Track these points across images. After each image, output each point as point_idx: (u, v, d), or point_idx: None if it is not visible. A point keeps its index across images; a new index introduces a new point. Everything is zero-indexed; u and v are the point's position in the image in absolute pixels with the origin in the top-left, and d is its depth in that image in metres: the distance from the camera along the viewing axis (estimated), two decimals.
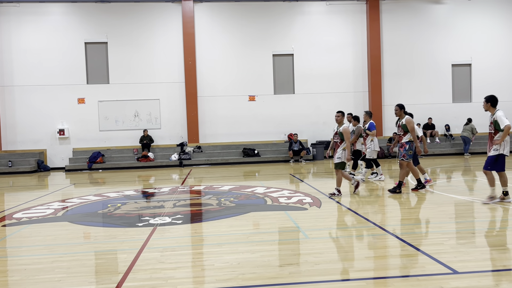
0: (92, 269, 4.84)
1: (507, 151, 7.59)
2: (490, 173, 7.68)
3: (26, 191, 12.45)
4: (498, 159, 7.57)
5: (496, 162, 7.58)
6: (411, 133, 9.05)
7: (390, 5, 20.59)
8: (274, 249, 5.39)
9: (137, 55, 19.60)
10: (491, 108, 7.79)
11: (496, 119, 7.59)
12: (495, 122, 7.61)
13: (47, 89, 19.23)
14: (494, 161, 7.57)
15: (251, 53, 20.07)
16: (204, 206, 8.66)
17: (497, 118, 7.57)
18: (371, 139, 11.46)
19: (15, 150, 19.11)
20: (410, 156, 9.14)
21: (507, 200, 7.73)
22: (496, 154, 7.54)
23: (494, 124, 7.63)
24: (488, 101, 7.78)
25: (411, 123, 9.04)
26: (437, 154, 19.49)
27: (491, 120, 7.72)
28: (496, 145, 7.54)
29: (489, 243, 5.28)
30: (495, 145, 7.55)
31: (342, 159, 8.93)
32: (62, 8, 19.38)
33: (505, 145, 7.55)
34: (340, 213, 7.52)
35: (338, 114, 9.06)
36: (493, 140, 7.59)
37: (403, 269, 4.46)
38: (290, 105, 20.10)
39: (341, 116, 9.03)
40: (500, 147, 7.53)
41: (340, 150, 8.96)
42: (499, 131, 7.53)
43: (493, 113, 7.74)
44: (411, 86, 20.67)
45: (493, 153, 7.57)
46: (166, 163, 18.63)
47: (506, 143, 7.56)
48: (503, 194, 7.78)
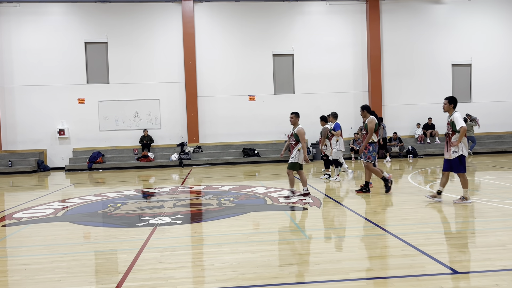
0: (92, 269, 4.84)
1: (465, 152, 7.71)
2: (463, 175, 7.77)
3: (26, 191, 12.45)
4: (461, 161, 7.68)
5: (460, 163, 7.67)
6: (369, 134, 9.11)
7: (390, 5, 20.59)
8: (274, 249, 5.39)
9: (137, 55, 19.60)
10: (451, 109, 7.84)
11: (453, 120, 7.67)
12: (452, 123, 7.70)
13: (47, 89, 19.23)
14: (459, 163, 7.66)
15: (251, 53, 20.07)
16: (204, 206, 8.66)
17: (454, 119, 7.66)
18: (337, 140, 11.64)
19: (15, 150, 19.11)
20: (374, 157, 9.22)
21: (437, 199, 7.93)
22: (457, 156, 7.65)
23: (451, 125, 7.72)
24: (451, 102, 7.82)
25: (371, 123, 9.08)
26: (437, 154, 19.48)
27: (448, 121, 7.80)
28: (454, 147, 7.64)
29: (489, 243, 5.28)
30: (453, 147, 7.64)
31: (295, 159, 8.87)
32: (62, 8, 19.39)
33: (463, 146, 7.66)
34: (340, 213, 7.52)
35: (292, 116, 9.00)
36: (451, 142, 7.69)
37: (403, 269, 4.45)
38: (290, 105, 20.05)
39: (295, 118, 8.97)
40: (458, 149, 7.64)
41: (294, 151, 8.92)
42: (456, 132, 7.64)
43: (451, 114, 7.81)
44: (411, 86, 20.67)
45: (454, 156, 7.67)
46: (166, 163, 18.63)
47: (463, 144, 7.66)
48: (437, 193, 7.98)
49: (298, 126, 8.91)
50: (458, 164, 7.66)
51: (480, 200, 8.22)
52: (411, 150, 19.16)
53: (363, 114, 9.35)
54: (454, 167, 7.71)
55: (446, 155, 7.88)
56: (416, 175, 12.80)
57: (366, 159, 9.23)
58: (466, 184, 7.79)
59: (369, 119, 9.15)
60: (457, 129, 7.58)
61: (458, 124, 7.56)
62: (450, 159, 7.72)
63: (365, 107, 9.36)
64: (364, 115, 9.33)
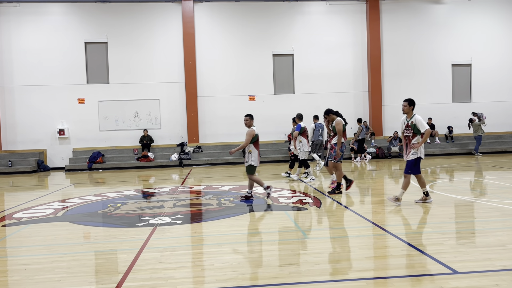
0: (92, 269, 4.84)
1: (423, 154, 7.77)
2: (409, 177, 7.84)
3: (26, 191, 12.45)
4: (416, 163, 7.73)
5: (415, 165, 7.74)
6: (338, 135, 9.21)
7: (390, 5, 20.59)
8: (274, 249, 5.39)
9: (137, 55, 19.60)
10: (411, 111, 7.87)
11: (415, 122, 7.71)
12: (413, 126, 7.73)
13: (47, 89, 19.23)
14: (414, 165, 7.72)
15: (251, 53, 20.07)
16: (204, 206, 8.66)
17: (417, 122, 7.69)
18: (299, 141, 11.87)
19: (15, 150, 19.11)
20: (340, 157, 9.33)
21: (429, 201, 7.97)
22: (415, 157, 7.70)
23: (412, 127, 7.75)
24: (410, 104, 7.85)
25: (338, 125, 9.22)
26: (437, 154, 19.49)
27: (407, 123, 7.84)
28: (414, 149, 7.68)
29: (489, 243, 5.28)
30: (413, 149, 7.68)
31: (249, 162, 8.93)
32: (62, 8, 19.39)
33: (422, 149, 7.73)
34: (340, 213, 7.52)
35: (247, 118, 9.05)
36: (412, 144, 7.73)
37: (403, 269, 4.46)
38: (290, 105, 20.08)
39: (249, 120, 9.01)
40: (417, 151, 7.69)
41: (247, 154, 8.98)
42: (418, 134, 7.67)
43: (410, 116, 7.84)
44: (411, 86, 20.67)
45: (412, 157, 7.71)
46: (166, 163, 18.63)
47: (422, 147, 7.73)
48: (425, 195, 8.01)
49: (250, 128, 8.97)
50: (413, 165, 7.74)
51: (480, 200, 8.23)
52: None
53: (330, 118, 9.52)
54: (406, 167, 7.80)
55: (405, 157, 7.93)
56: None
57: (332, 159, 9.38)
58: (407, 185, 7.85)
59: (336, 121, 9.31)
60: (422, 131, 7.61)
61: (423, 127, 7.61)
62: (410, 160, 7.78)
63: (329, 111, 9.55)
64: (330, 118, 9.47)
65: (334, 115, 9.44)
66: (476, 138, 18.91)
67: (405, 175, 7.86)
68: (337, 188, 9.42)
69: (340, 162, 9.35)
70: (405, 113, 7.91)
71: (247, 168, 8.99)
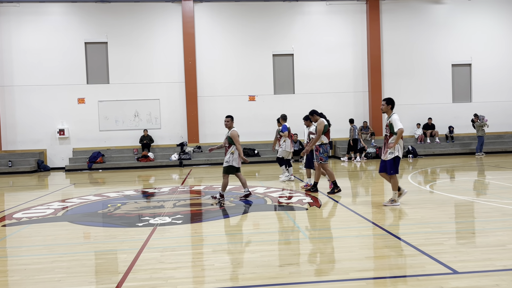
0: (92, 269, 4.84)
1: (401, 153, 7.75)
2: (394, 176, 7.81)
3: (26, 191, 12.45)
4: (395, 162, 7.73)
5: (394, 164, 7.73)
6: (318, 136, 9.32)
7: (390, 5, 20.59)
8: (274, 249, 5.39)
9: (137, 55, 19.60)
10: (389, 110, 7.88)
11: (391, 122, 7.72)
12: (390, 125, 7.75)
13: (47, 89, 19.23)
14: (393, 164, 7.71)
15: (251, 53, 20.07)
16: (204, 206, 8.66)
17: (392, 121, 7.70)
18: (284, 140, 12.08)
19: (15, 150, 19.11)
20: (326, 158, 9.43)
21: (396, 204, 7.87)
22: (393, 157, 7.70)
23: (389, 127, 7.77)
24: (389, 103, 7.87)
25: (319, 125, 9.30)
26: (437, 154, 19.49)
27: (386, 123, 7.86)
28: (390, 149, 7.68)
29: (489, 243, 5.28)
30: (390, 148, 7.69)
31: (229, 163, 8.95)
32: (62, 8, 19.38)
33: (399, 148, 7.71)
34: (340, 213, 7.52)
35: (227, 119, 9.09)
36: (388, 144, 7.74)
37: (403, 269, 4.46)
38: (290, 105, 20.07)
39: (230, 121, 9.05)
40: (394, 150, 7.68)
41: (228, 154, 8.99)
42: (394, 134, 7.68)
43: (389, 115, 7.85)
44: (411, 86, 20.67)
45: (390, 157, 7.71)
46: (166, 163, 18.62)
47: (400, 147, 7.71)
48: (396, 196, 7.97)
49: (232, 129, 9.01)
50: (392, 165, 7.73)
51: (480, 200, 8.23)
52: (411, 150, 19.15)
53: (314, 119, 9.58)
54: (388, 168, 7.77)
55: (382, 156, 7.93)
56: (416, 175, 12.80)
57: (318, 161, 9.48)
58: (396, 186, 7.83)
59: (318, 121, 9.39)
60: (395, 131, 7.62)
61: (396, 126, 7.60)
62: (386, 160, 7.78)
63: (313, 112, 9.62)
64: (314, 119, 9.55)
65: (318, 116, 9.53)
66: (477, 138, 18.99)
67: (390, 176, 7.81)
68: (336, 187, 9.46)
69: (326, 163, 9.48)
70: (384, 112, 7.92)
71: (224, 168, 8.99)
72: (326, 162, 9.45)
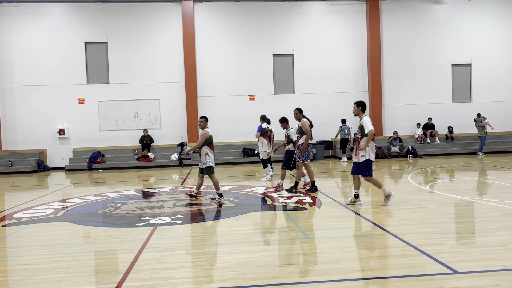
0: (92, 269, 4.84)
1: (373, 156, 7.79)
2: (371, 179, 7.85)
3: (26, 191, 12.45)
4: (368, 165, 7.79)
5: (367, 167, 7.78)
6: (308, 136, 9.42)
7: (390, 5, 20.59)
8: (274, 249, 5.39)
9: (137, 55, 19.60)
10: (361, 112, 7.89)
11: (362, 124, 7.76)
12: (361, 127, 7.78)
13: (47, 89, 19.23)
14: (366, 167, 7.75)
15: (251, 53, 20.07)
16: (204, 206, 8.66)
17: (363, 123, 7.73)
18: (261, 141, 12.29)
19: (15, 150, 19.11)
20: (305, 157, 9.52)
21: (358, 203, 8.00)
22: (364, 160, 7.74)
23: (360, 129, 7.81)
24: (359, 105, 7.90)
25: (304, 125, 9.41)
26: (437, 154, 19.49)
27: (358, 126, 7.90)
28: (362, 151, 7.72)
29: (489, 243, 5.28)
30: (361, 151, 7.72)
31: (207, 164, 8.99)
32: (62, 8, 19.38)
33: (370, 151, 7.74)
34: (340, 213, 7.52)
35: (201, 120, 9.10)
36: (359, 146, 7.78)
37: (403, 269, 4.46)
38: (290, 105, 19.98)
39: (203, 122, 9.07)
40: (366, 153, 7.72)
41: (203, 155, 9.05)
42: (365, 136, 7.71)
43: (361, 117, 7.88)
44: (411, 86, 20.67)
45: (362, 159, 7.75)
46: (166, 163, 18.62)
47: (371, 149, 7.73)
48: (355, 197, 8.07)
49: (205, 130, 9.02)
50: (365, 167, 7.76)
51: (480, 200, 8.23)
52: (411, 150, 19.15)
53: (298, 117, 9.67)
54: (361, 170, 7.81)
55: (354, 158, 7.97)
56: (416, 175, 12.80)
57: (297, 159, 9.60)
58: (379, 184, 7.88)
59: (302, 122, 9.54)
60: (366, 132, 7.64)
61: (367, 128, 7.62)
62: (358, 162, 7.82)
63: (299, 110, 9.72)
64: (298, 117, 9.60)
65: (302, 116, 9.64)
66: (479, 138, 19.01)
67: (367, 179, 7.86)
68: (313, 187, 9.72)
69: (307, 162, 9.62)
70: (355, 115, 7.96)
71: (205, 170, 9.03)
72: (306, 161, 9.60)
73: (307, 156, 9.57)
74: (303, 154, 9.49)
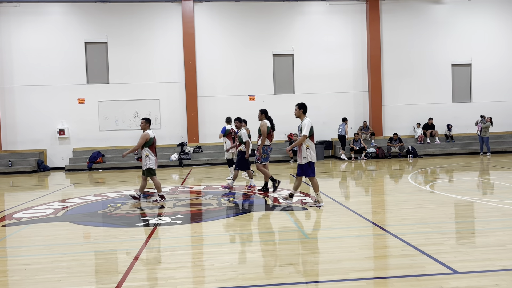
0: (92, 269, 4.84)
1: (314, 158, 7.90)
2: (300, 178, 8.02)
3: (26, 191, 12.45)
4: (310, 166, 7.90)
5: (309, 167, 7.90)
6: (262, 137, 9.50)
7: (390, 5, 20.59)
8: (274, 249, 5.39)
9: (137, 55, 19.60)
10: (302, 115, 8.00)
11: (301, 126, 7.85)
12: (300, 129, 7.87)
13: (47, 89, 19.22)
14: (308, 168, 7.88)
15: (251, 53, 20.07)
16: (204, 206, 8.66)
17: (302, 126, 7.83)
18: (224, 142, 12.63)
19: (15, 150, 19.11)
20: (264, 159, 9.74)
21: (289, 202, 8.19)
22: (306, 162, 7.85)
23: (299, 131, 7.91)
24: (301, 108, 8.02)
25: (262, 126, 9.48)
26: (437, 154, 19.49)
27: (298, 127, 8.01)
28: (303, 153, 7.82)
29: (489, 243, 5.28)
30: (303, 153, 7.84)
31: (147, 166, 9.11)
32: (62, 8, 19.38)
33: (311, 153, 7.85)
34: (340, 213, 7.52)
35: (142, 121, 9.14)
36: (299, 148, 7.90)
37: (403, 269, 4.46)
38: (290, 105, 19.97)
39: (144, 123, 9.11)
40: (307, 155, 7.82)
41: (144, 157, 9.15)
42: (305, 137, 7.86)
43: (302, 120, 7.96)
44: (411, 86, 20.67)
45: (304, 161, 7.87)
46: (166, 163, 18.62)
47: (310, 152, 7.83)
48: (289, 195, 8.28)
49: (146, 131, 9.08)
50: (308, 168, 7.88)
51: (480, 200, 8.23)
52: (411, 150, 19.15)
53: (260, 117, 9.75)
54: (304, 171, 7.92)
55: (298, 160, 8.04)
56: (416, 175, 12.80)
57: (256, 160, 9.76)
58: (317, 187, 7.97)
59: (262, 123, 9.62)
60: (301, 135, 7.75)
61: (302, 132, 7.75)
62: (302, 164, 7.92)
63: (264, 111, 9.77)
64: (260, 118, 9.62)
65: (265, 117, 9.64)
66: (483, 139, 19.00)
67: (309, 179, 7.99)
68: (265, 187, 9.92)
69: (265, 163, 9.82)
70: (297, 117, 8.06)
71: (146, 172, 9.15)
72: (264, 162, 9.78)
73: (266, 158, 9.77)
74: (261, 156, 9.59)
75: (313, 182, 7.98)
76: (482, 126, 18.79)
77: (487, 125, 18.75)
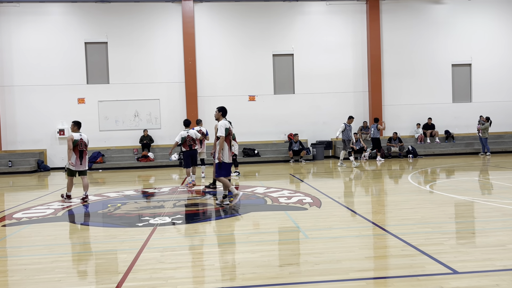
0: (92, 269, 4.84)
1: (227, 159, 8.23)
2: (220, 179, 8.30)
3: (26, 191, 12.45)
4: (220, 167, 8.23)
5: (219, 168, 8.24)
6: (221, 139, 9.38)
7: (390, 5, 20.59)
8: (274, 249, 5.39)
9: (137, 55, 19.59)
10: (221, 117, 8.36)
11: (217, 127, 8.16)
12: (216, 131, 8.17)
13: (47, 89, 19.22)
14: (218, 168, 8.23)
15: (251, 53, 20.07)
16: (204, 207, 8.66)
17: (218, 127, 8.15)
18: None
19: (15, 150, 19.11)
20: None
21: (225, 203, 8.38)
22: (218, 162, 8.22)
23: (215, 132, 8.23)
24: (220, 110, 8.39)
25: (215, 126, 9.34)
26: (437, 154, 19.49)
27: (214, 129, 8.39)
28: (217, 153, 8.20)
29: (489, 243, 5.28)
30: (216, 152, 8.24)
31: (68, 166, 9.47)
32: (62, 8, 19.38)
33: (224, 153, 8.20)
34: (340, 213, 7.52)
35: (71, 125, 9.60)
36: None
37: (403, 269, 4.46)
38: (290, 105, 20.10)
39: (73, 126, 9.50)
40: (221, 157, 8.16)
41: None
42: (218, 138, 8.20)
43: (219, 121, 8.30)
44: (411, 86, 20.67)
45: (217, 161, 8.25)
46: (166, 163, 18.62)
47: (224, 152, 8.19)
48: (223, 197, 8.49)
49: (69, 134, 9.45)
50: (218, 169, 8.25)
51: (480, 200, 8.23)
52: (411, 150, 19.15)
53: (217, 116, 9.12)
54: (216, 171, 8.32)
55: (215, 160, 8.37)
56: (416, 175, 12.80)
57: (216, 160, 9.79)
58: (226, 186, 8.30)
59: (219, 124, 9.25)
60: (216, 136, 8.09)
61: (217, 133, 8.11)
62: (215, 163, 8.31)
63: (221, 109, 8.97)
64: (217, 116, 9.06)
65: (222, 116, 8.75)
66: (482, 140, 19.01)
67: (218, 179, 8.34)
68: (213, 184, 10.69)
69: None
70: (216, 119, 8.38)
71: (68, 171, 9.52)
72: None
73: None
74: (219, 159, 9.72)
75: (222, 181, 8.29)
76: (481, 127, 18.81)
77: (485, 126, 18.75)
